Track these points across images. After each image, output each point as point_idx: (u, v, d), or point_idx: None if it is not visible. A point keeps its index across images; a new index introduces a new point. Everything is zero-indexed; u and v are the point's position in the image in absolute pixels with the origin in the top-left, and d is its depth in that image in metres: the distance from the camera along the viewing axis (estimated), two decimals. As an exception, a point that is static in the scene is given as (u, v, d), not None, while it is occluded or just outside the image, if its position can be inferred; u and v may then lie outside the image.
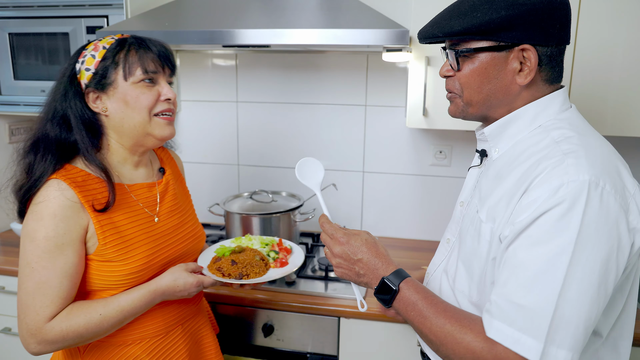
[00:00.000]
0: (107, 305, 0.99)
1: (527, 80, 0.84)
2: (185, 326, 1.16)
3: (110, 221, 1.01)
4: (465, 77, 0.87)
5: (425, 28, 0.89)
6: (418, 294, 0.86)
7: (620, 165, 0.80)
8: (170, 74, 1.09)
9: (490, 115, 0.90)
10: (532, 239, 0.74)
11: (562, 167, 0.75)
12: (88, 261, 1.00)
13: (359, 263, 0.92)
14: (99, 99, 1.03)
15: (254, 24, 1.48)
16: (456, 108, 0.92)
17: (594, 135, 0.84)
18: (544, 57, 0.84)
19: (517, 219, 0.76)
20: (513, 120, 0.88)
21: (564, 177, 0.73)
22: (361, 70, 1.90)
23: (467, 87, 0.88)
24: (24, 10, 1.74)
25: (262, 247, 1.29)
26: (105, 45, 1.03)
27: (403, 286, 0.87)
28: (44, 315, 0.95)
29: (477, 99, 0.88)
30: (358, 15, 1.49)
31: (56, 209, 0.95)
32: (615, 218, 0.73)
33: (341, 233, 0.96)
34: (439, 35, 0.86)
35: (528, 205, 0.75)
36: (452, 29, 0.84)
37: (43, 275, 0.95)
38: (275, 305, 1.48)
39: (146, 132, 1.05)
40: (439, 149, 1.90)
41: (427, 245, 1.93)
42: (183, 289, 1.05)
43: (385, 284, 0.88)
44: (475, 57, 0.85)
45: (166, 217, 1.13)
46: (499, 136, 0.90)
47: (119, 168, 1.08)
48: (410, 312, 0.85)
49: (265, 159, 2.07)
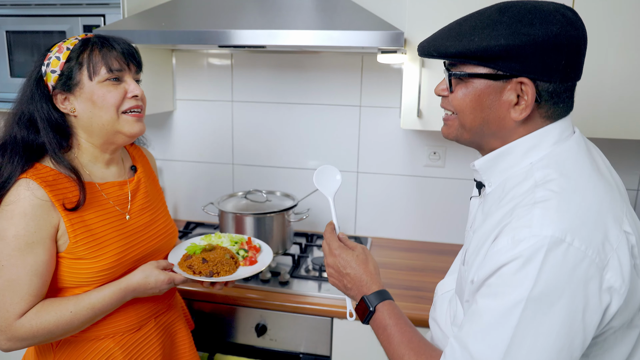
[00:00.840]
0: (77, 303, 1.00)
1: (522, 115, 0.76)
2: (158, 320, 1.18)
3: (81, 219, 1.02)
4: (457, 100, 0.82)
5: (423, 43, 0.84)
6: (391, 319, 0.87)
7: (607, 214, 0.72)
8: (137, 71, 1.10)
9: (484, 145, 0.84)
10: (490, 289, 0.71)
11: (527, 218, 0.70)
12: (59, 259, 1.01)
13: (347, 277, 0.95)
14: (67, 99, 1.04)
15: (249, 24, 1.49)
16: (449, 130, 0.87)
17: (586, 175, 0.76)
18: (544, 92, 0.76)
19: (485, 266, 0.74)
20: (503, 155, 0.81)
21: (525, 231, 0.69)
22: (356, 71, 1.91)
23: (460, 111, 0.82)
24: (22, 9, 1.74)
25: (231, 245, 1.31)
26: (69, 46, 1.04)
27: (380, 308, 0.89)
28: (14, 312, 0.96)
29: (470, 125, 0.82)
30: (353, 16, 1.50)
31: (26, 207, 0.96)
32: (583, 277, 0.67)
33: (336, 245, 0.98)
34: (434, 54, 0.81)
35: (493, 254, 0.72)
36: (446, 50, 0.79)
37: (13, 273, 0.96)
38: (269, 305, 1.48)
39: (115, 130, 1.06)
40: (433, 150, 1.91)
41: (420, 246, 1.94)
42: (154, 286, 1.07)
43: (364, 303, 0.91)
44: (470, 82, 0.79)
45: (137, 214, 1.15)
46: (490, 170, 0.84)
47: (89, 167, 1.09)
48: (381, 335, 0.88)
49: (260, 158, 2.07)
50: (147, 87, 1.88)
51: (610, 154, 1.78)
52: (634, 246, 0.72)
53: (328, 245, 0.99)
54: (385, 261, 1.78)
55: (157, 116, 2.11)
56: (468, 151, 1.88)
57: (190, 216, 2.16)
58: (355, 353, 1.47)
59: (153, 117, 2.10)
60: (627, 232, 0.72)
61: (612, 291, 0.69)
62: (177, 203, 2.19)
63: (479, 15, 0.79)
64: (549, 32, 0.72)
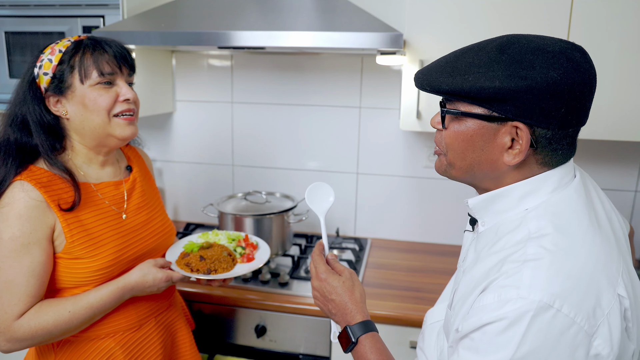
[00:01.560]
0: (76, 303, 1.01)
1: (515, 160, 0.72)
2: (158, 319, 1.19)
3: (77, 219, 1.03)
4: (449, 137, 0.77)
5: (418, 75, 0.79)
6: (373, 353, 0.86)
7: (601, 277, 0.68)
8: (130, 74, 1.10)
9: (477, 184, 0.81)
10: (473, 344, 0.69)
11: (516, 277, 0.67)
12: (56, 259, 1.02)
13: (332, 303, 0.93)
14: (59, 102, 1.04)
15: (249, 25, 1.49)
16: (440, 165, 0.83)
17: (582, 230, 0.72)
18: (541, 139, 0.71)
19: (470, 319, 0.71)
20: (499, 197, 0.77)
21: (512, 292, 0.66)
22: (356, 72, 1.91)
23: (450, 149, 0.78)
24: (21, 9, 1.74)
25: (228, 242, 1.31)
26: (62, 48, 1.03)
27: (362, 340, 0.88)
28: (12, 314, 0.96)
29: (460, 164, 0.78)
30: (353, 18, 1.50)
31: (22, 209, 0.96)
32: (569, 344, 0.64)
33: (323, 268, 0.96)
34: (427, 89, 0.77)
35: (479, 309, 0.69)
36: (439, 86, 0.74)
37: (10, 274, 0.96)
38: (268, 306, 1.49)
39: (107, 133, 1.07)
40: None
41: (420, 247, 1.94)
42: (152, 284, 1.08)
43: (346, 333, 0.89)
44: (463, 121, 0.75)
45: (134, 213, 1.15)
46: (484, 210, 0.80)
47: (84, 167, 1.10)
48: None
49: (259, 159, 2.07)
50: (147, 88, 1.88)
51: (609, 155, 1.79)
52: (627, 309, 0.68)
53: (315, 268, 0.97)
54: (385, 262, 1.79)
55: (157, 117, 2.11)
56: (467, 152, 1.88)
57: (190, 217, 2.16)
58: (354, 354, 1.47)
59: (153, 119, 2.10)
60: (621, 295, 0.68)
61: (599, 358, 0.66)
62: (177, 204, 2.19)
63: (478, 51, 0.74)
64: (548, 78, 0.67)
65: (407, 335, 1.42)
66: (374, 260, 1.81)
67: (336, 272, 0.96)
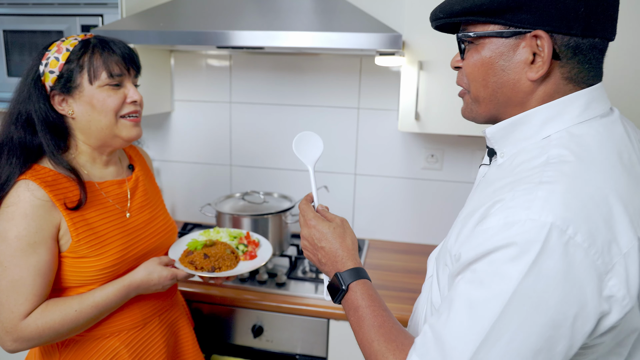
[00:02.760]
0: (82, 301, 1.01)
1: (538, 74, 0.68)
2: (162, 317, 1.19)
3: (83, 218, 1.03)
4: (469, 67, 0.74)
5: (433, 9, 0.77)
6: (364, 299, 0.79)
7: (623, 214, 0.61)
8: (136, 75, 1.10)
9: (501, 117, 0.75)
10: (475, 275, 0.63)
11: (527, 198, 0.61)
12: (62, 258, 1.02)
13: (322, 251, 0.86)
14: (65, 101, 1.03)
15: (248, 25, 1.49)
16: (466, 107, 0.79)
17: (609, 167, 0.65)
18: (564, 48, 0.67)
19: (471, 244, 0.65)
20: (518, 124, 0.73)
21: (521, 213, 0.60)
22: (354, 73, 1.91)
23: (472, 80, 0.75)
24: (19, 8, 1.74)
25: (230, 239, 1.31)
26: (69, 47, 1.02)
27: (353, 287, 0.81)
28: (19, 313, 0.96)
29: (484, 94, 0.74)
30: (352, 19, 1.50)
31: (27, 208, 0.96)
32: (581, 278, 0.58)
33: (312, 215, 0.89)
34: (440, 16, 0.74)
35: (481, 232, 0.64)
36: (452, 8, 0.72)
37: (16, 273, 0.96)
38: (265, 306, 1.48)
39: (113, 134, 1.07)
40: (430, 152, 1.91)
41: (418, 248, 1.94)
42: (157, 282, 1.08)
43: (337, 280, 0.82)
44: (481, 44, 0.71)
45: (137, 212, 1.15)
46: (502, 140, 0.75)
47: (88, 167, 1.10)
48: (351, 316, 0.79)
49: (257, 159, 2.07)
50: (145, 88, 1.88)
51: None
52: None
53: (303, 217, 0.91)
54: (382, 263, 1.78)
55: (155, 117, 2.10)
56: (465, 154, 1.89)
57: (188, 217, 2.16)
58: (351, 354, 1.47)
59: (151, 118, 2.10)
60: None
61: (613, 301, 0.60)
62: (175, 204, 2.19)
63: None
64: None
65: (404, 336, 1.42)
66: (372, 261, 1.80)
67: (327, 220, 0.89)
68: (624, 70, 1.42)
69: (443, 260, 0.77)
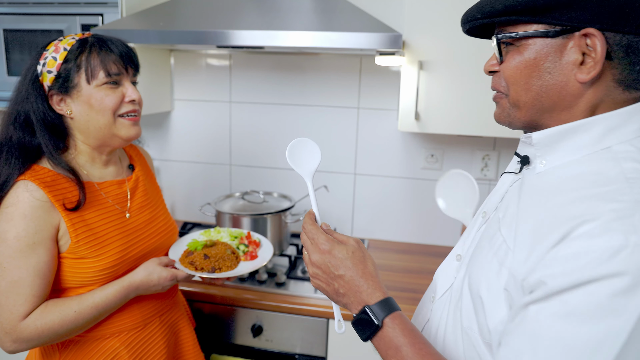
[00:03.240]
0: (81, 302, 1.00)
1: (590, 75, 0.62)
2: (162, 318, 1.19)
3: (82, 219, 1.02)
4: (510, 70, 0.68)
5: (467, 10, 0.72)
6: (405, 337, 0.69)
7: None
8: (134, 74, 1.09)
9: (543, 122, 0.69)
10: (565, 308, 0.55)
11: (630, 220, 0.54)
12: (61, 259, 1.02)
13: (340, 280, 0.75)
14: (63, 101, 1.03)
15: (248, 25, 1.49)
16: (501, 111, 0.73)
17: None
18: (616, 47, 0.61)
19: (547, 272, 0.57)
20: (576, 132, 0.66)
21: (630, 237, 0.53)
22: (354, 72, 1.91)
23: (513, 84, 0.69)
24: (19, 7, 1.74)
25: (231, 239, 1.31)
26: (66, 46, 1.02)
27: (388, 322, 0.70)
28: (18, 314, 0.96)
29: (526, 98, 0.68)
30: (352, 18, 1.50)
31: (26, 209, 0.96)
32: None
33: (324, 239, 0.77)
34: (477, 17, 0.69)
35: (567, 259, 0.56)
36: (492, 7, 0.66)
37: (15, 274, 0.95)
38: (265, 306, 1.48)
39: (112, 133, 1.06)
40: (430, 152, 1.91)
41: (417, 248, 1.94)
42: (157, 283, 1.08)
43: (367, 315, 0.72)
44: (523, 46, 0.66)
45: (137, 212, 1.15)
46: (551, 146, 0.68)
47: (87, 167, 1.09)
48: (391, 356, 0.70)
49: (257, 159, 2.07)
50: (145, 87, 1.88)
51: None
52: None
53: (311, 240, 0.79)
54: (382, 263, 1.79)
55: (155, 116, 2.10)
56: (465, 154, 1.89)
57: (187, 216, 2.16)
58: (350, 354, 1.47)
59: (151, 117, 2.10)
60: None
61: None
62: (174, 203, 2.19)
63: None
64: None
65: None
66: (371, 260, 1.81)
67: (340, 242, 0.78)
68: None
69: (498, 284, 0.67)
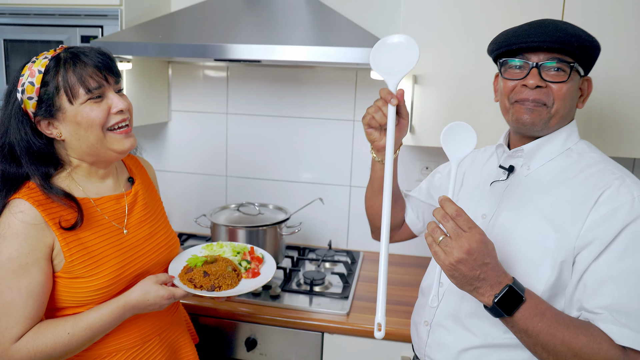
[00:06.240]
0: (75, 324, 0.97)
1: (583, 104, 1.02)
2: (162, 336, 1.16)
3: (77, 237, 1.00)
4: (564, 90, 0.94)
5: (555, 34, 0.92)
6: (544, 303, 0.86)
7: None
8: (116, 81, 1.04)
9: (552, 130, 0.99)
10: (619, 251, 0.85)
11: (625, 185, 0.88)
12: (56, 279, 0.99)
13: (485, 267, 0.82)
14: (51, 125, 1.00)
15: (245, 39, 1.50)
16: (540, 117, 0.96)
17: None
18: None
19: (592, 234, 0.87)
20: (549, 141, 0.99)
21: (633, 193, 0.87)
22: (350, 85, 1.93)
23: (562, 99, 0.95)
24: (20, 18, 1.76)
25: (233, 255, 1.25)
26: (40, 68, 0.98)
27: (528, 294, 0.85)
28: (10, 337, 0.93)
29: (563, 112, 0.97)
30: (348, 33, 1.52)
31: (19, 228, 0.94)
32: None
33: (479, 230, 0.83)
34: (573, 43, 0.92)
35: (603, 219, 0.86)
36: (582, 41, 0.92)
37: (7, 295, 0.93)
38: (259, 319, 1.48)
39: (105, 148, 1.03)
40: (425, 165, 1.92)
41: (412, 260, 1.94)
42: (154, 302, 1.03)
43: (513, 291, 0.83)
44: (572, 75, 0.95)
45: (136, 228, 1.12)
46: (534, 154, 1.00)
47: (83, 182, 1.07)
48: (538, 322, 0.83)
49: (253, 171, 2.08)
50: (142, 98, 1.90)
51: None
52: None
53: (466, 223, 0.83)
54: (377, 276, 1.78)
55: (152, 127, 2.11)
56: (460, 167, 1.90)
57: (183, 228, 2.16)
58: (345, 368, 1.46)
59: (148, 128, 2.11)
60: None
61: None
62: (170, 214, 2.17)
63: (558, 21, 0.96)
64: (597, 42, 0.95)
65: (398, 350, 1.42)
66: (366, 273, 1.80)
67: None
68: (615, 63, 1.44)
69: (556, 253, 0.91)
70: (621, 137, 1.45)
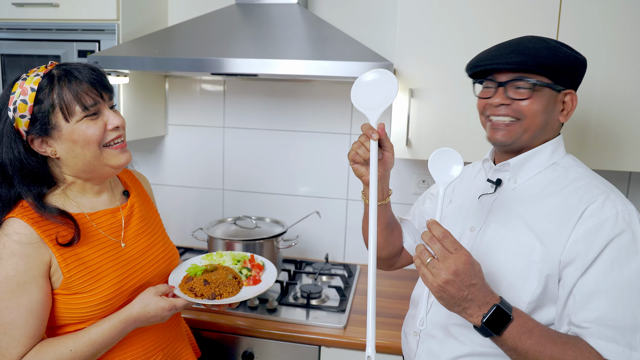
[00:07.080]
0: (77, 340, 0.96)
1: (567, 119, 0.99)
2: (165, 351, 1.14)
3: (74, 253, 0.99)
4: (529, 106, 0.95)
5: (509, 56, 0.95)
6: (532, 320, 0.87)
7: None
8: (110, 97, 1.03)
9: (531, 146, 1.00)
10: (606, 265, 0.85)
11: (609, 199, 0.90)
12: (55, 296, 0.98)
13: (472, 288, 0.84)
14: (45, 143, 0.99)
15: (242, 53, 1.52)
16: (510, 134, 0.98)
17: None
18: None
19: (577, 248, 0.88)
20: (535, 154, 0.99)
21: (617, 207, 0.89)
22: (346, 99, 1.94)
23: (530, 116, 0.96)
24: (17, 33, 1.76)
25: (234, 263, 1.25)
26: (33, 85, 0.96)
27: (515, 312, 0.86)
28: (12, 357, 0.92)
29: (535, 127, 0.97)
30: (344, 47, 1.54)
31: (15, 247, 0.93)
32: None
33: (466, 252, 0.85)
34: (529, 64, 0.93)
35: (588, 234, 0.87)
36: (543, 60, 0.93)
37: (7, 315, 0.92)
38: (256, 332, 1.47)
39: (102, 164, 1.03)
40: (421, 178, 1.93)
41: (408, 273, 1.93)
42: (155, 314, 1.02)
43: (501, 311, 0.84)
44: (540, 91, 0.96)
45: (133, 241, 1.11)
46: (520, 167, 1.01)
47: (78, 198, 1.06)
48: (527, 340, 0.84)
49: (250, 184, 2.08)
50: (139, 112, 1.90)
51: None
52: None
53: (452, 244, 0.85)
54: (374, 289, 1.77)
55: (149, 140, 2.11)
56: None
57: (179, 241, 2.15)
58: (342, 383, 1.45)
59: (144, 142, 2.11)
60: None
61: None
62: (166, 228, 2.14)
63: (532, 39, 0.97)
64: (582, 57, 0.97)
65: (395, 363, 1.41)
66: (363, 286, 1.80)
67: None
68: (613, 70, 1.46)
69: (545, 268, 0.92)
70: (617, 150, 1.46)
